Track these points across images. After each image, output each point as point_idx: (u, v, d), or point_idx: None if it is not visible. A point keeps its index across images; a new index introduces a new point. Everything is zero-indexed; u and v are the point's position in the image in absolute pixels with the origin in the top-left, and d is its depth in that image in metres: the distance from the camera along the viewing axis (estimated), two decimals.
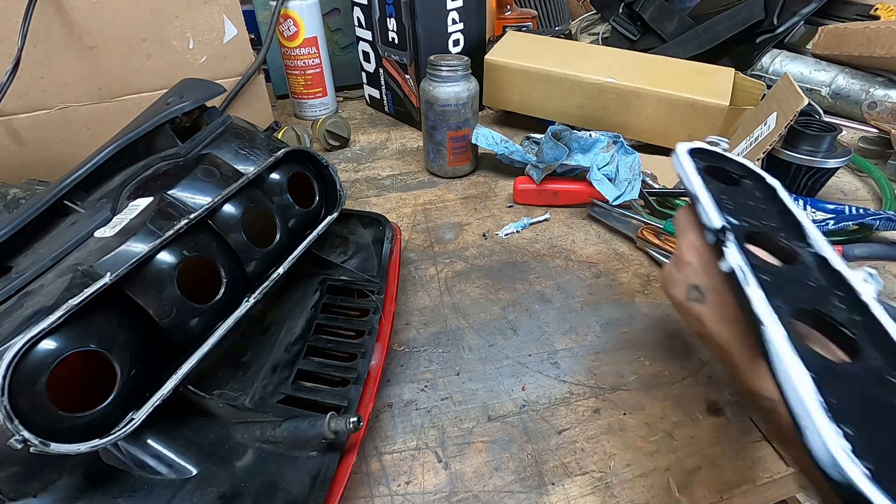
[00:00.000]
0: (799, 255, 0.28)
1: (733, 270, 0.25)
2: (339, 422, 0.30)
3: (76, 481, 0.29)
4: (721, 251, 0.27)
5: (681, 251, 0.33)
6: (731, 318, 0.28)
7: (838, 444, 0.17)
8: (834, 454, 0.17)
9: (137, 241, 0.32)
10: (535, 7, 1.02)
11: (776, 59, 0.82)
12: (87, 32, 0.57)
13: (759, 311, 0.23)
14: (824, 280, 0.27)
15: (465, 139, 0.67)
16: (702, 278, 0.30)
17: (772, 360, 0.21)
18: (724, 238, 0.27)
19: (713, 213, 0.29)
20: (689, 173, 0.33)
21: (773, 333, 0.21)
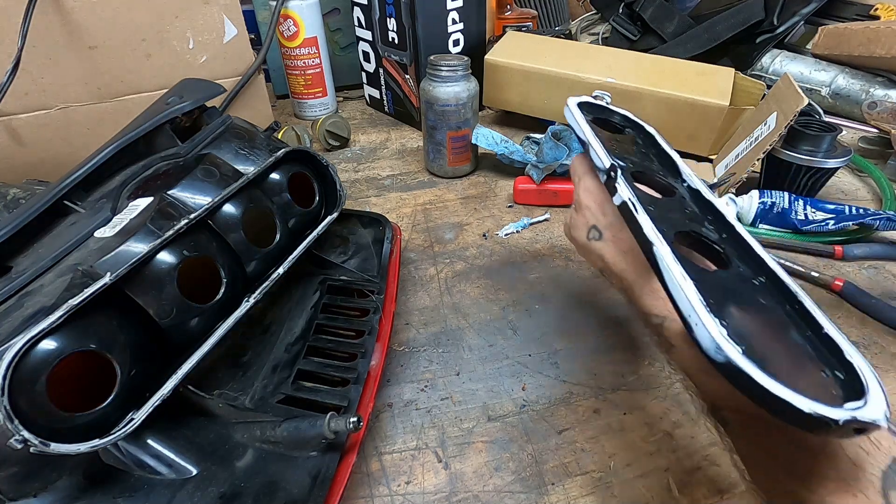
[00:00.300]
0: (676, 189, 0.33)
1: (625, 202, 0.29)
2: (339, 422, 0.30)
3: (76, 481, 0.29)
4: (613, 187, 0.30)
5: (579, 196, 0.36)
6: (625, 249, 0.32)
7: (718, 331, 0.20)
8: (716, 339, 0.20)
9: (137, 241, 0.32)
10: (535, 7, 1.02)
11: (776, 59, 0.82)
12: (87, 32, 0.57)
13: (648, 234, 0.26)
14: (697, 208, 0.31)
15: (465, 139, 0.67)
16: (599, 218, 0.34)
17: (661, 272, 0.24)
18: (614, 175, 0.31)
19: (603, 155, 0.33)
20: (580, 122, 0.37)
21: (661, 250, 0.25)
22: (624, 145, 0.37)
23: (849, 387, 0.19)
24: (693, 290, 0.22)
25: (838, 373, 0.20)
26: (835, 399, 0.18)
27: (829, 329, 0.21)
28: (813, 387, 0.19)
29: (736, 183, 0.61)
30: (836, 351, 0.20)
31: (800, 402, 0.17)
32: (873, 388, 0.18)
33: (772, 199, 0.57)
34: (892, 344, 0.44)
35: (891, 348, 0.44)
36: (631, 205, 0.28)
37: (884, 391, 0.18)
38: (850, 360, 0.20)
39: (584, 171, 0.37)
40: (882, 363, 0.43)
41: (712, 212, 0.30)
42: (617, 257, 0.32)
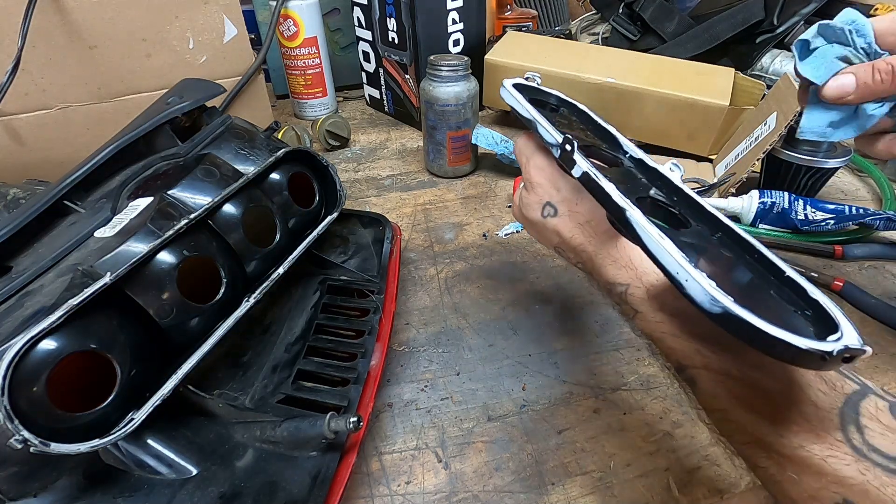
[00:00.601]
0: (621, 160, 0.33)
1: (585, 172, 0.29)
2: (339, 422, 0.30)
3: (76, 481, 0.29)
4: (571, 160, 0.30)
5: (530, 175, 0.36)
6: (582, 222, 0.32)
7: (709, 283, 0.20)
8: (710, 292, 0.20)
9: (137, 241, 0.32)
10: (535, 7, 1.02)
11: (776, 59, 0.82)
12: (87, 32, 0.57)
13: (618, 200, 0.26)
14: (644, 176, 0.31)
15: (465, 139, 0.67)
16: (553, 194, 0.34)
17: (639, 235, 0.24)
18: (570, 149, 0.31)
19: (553, 131, 0.33)
20: (522, 101, 0.37)
21: (633, 214, 0.25)
22: (565, 123, 0.38)
23: (820, 322, 0.20)
24: (674, 247, 0.22)
25: (807, 311, 0.21)
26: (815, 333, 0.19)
27: (790, 272, 0.22)
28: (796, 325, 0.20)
29: (736, 183, 0.61)
30: (801, 291, 0.21)
31: (796, 341, 0.18)
32: (843, 322, 0.19)
33: (772, 199, 0.57)
34: (892, 344, 0.44)
35: (891, 348, 0.44)
36: (593, 174, 0.28)
37: (851, 323, 0.19)
38: (814, 297, 0.21)
39: (532, 150, 0.37)
40: (882, 363, 0.43)
41: (660, 178, 0.31)
42: (574, 231, 0.32)
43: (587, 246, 0.31)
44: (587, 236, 0.32)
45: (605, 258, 0.30)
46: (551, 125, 0.33)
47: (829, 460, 0.20)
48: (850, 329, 0.19)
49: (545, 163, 0.35)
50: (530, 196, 0.35)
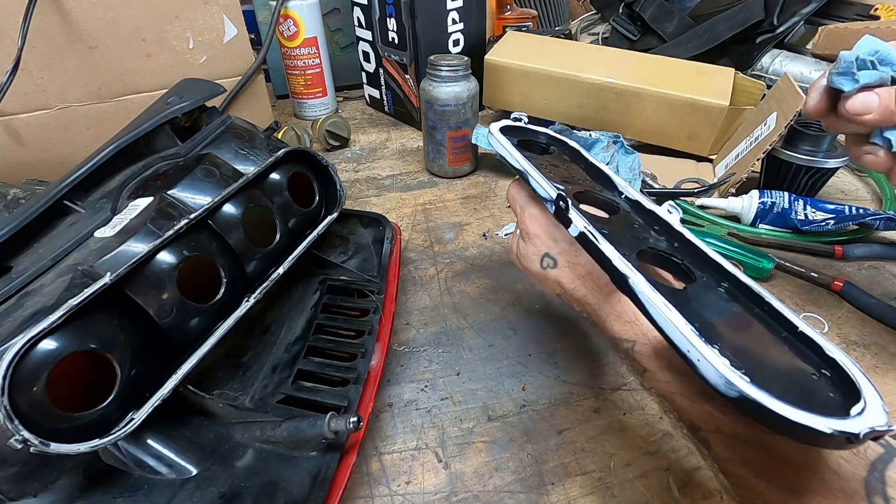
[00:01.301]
0: (617, 203, 0.32)
1: (583, 233, 0.28)
2: (339, 422, 0.30)
3: (76, 481, 0.29)
4: (567, 219, 0.29)
5: (525, 225, 0.35)
6: (583, 274, 0.31)
7: (722, 364, 0.19)
8: (724, 375, 0.18)
9: (137, 241, 0.32)
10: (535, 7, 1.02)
11: (776, 59, 0.82)
12: (87, 32, 0.57)
13: (619, 266, 0.25)
14: (642, 220, 0.30)
15: (465, 139, 0.67)
16: (550, 245, 0.33)
17: (644, 305, 0.23)
18: (564, 206, 0.29)
19: (546, 184, 0.32)
20: (511, 151, 0.36)
21: (636, 281, 0.23)
22: (556, 166, 0.36)
23: (840, 385, 0.19)
24: (682, 320, 0.21)
25: (825, 371, 0.20)
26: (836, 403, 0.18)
27: (803, 327, 0.21)
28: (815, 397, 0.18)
29: (736, 183, 0.61)
30: (817, 348, 0.20)
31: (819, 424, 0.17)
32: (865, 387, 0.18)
33: (772, 199, 0.57)
34: (891, 344, 0.44)
35: (890, 348, 0.44)
36: (590, 235, 0.27)
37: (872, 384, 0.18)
38: (832, 356, 0.19)
39: (525, 200, 0.36)
40: (882, 363, 0.43)
41: (657, 221, 0.29)
42: (576, 283, 0.31)
43: (590, 299, 0.30)
44: (589, 289, 0.30)
45: (609, 313, 0.29)
46: (543, 177, 0.32)
47: None
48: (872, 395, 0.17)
49: (540, 212, 0.34)
50: (528, 247, 0.34)
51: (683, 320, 0.21)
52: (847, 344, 0.45)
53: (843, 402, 0.18)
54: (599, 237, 0.26)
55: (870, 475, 0.20)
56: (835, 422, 0.16)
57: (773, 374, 0.19)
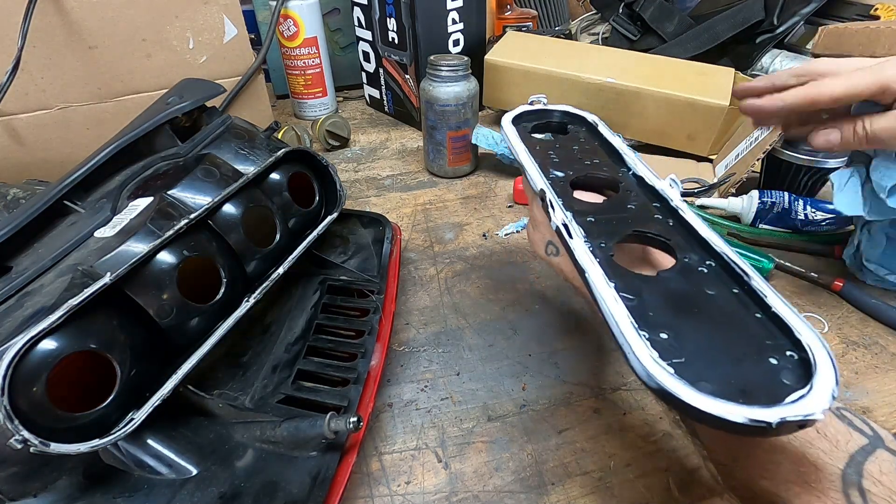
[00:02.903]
0: (620, 181, 0.32)
1: (558, 227, 0.28)
2: (339, 422, 0.30)
3: (76, 481, 0.29)
4: (548, 210, 0.30)
5: (533, 213, 0.36)
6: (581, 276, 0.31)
7: (648, 355, 0.19)
8: (646, 366, 0.19)
9: (137, 241, 0.32)
10: (535, 7, 1.02)
11: (776, 59, 0.82)
12: (87, 32, 0.57)
13: (580, 259, 0.25)
14: (644, 197, 0.31)
15: (465, 139, 0.67)
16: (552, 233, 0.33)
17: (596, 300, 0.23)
18: (545, 199, 0.30)
19: (536, 177, 0.33)
20: (514, 144, 0.37)
21: (592, 276, 0.24)
22: (566, 149, 0.37)
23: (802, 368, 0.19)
24: (624, 314, 0.21)
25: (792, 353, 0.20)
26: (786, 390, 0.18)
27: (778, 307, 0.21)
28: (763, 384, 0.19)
29: (736, 183, 0.61)
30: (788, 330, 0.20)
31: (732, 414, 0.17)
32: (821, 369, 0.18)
33: (772, 199, 0.57)
34: (891, 344, 0.44)
35: (891, 348, 0.44)
36: (564, 230, 0.28)
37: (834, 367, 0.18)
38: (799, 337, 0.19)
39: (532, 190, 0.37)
40: (882, 363, 0.43)
41: (658, 198, 0.30)
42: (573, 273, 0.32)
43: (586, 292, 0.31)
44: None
45: None
46: (537, 169, 0.33)
47: None
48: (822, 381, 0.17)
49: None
50: (535, 234, 0.36)
51: (626, 314, 0.21)
52: (847, 344, 0.45)
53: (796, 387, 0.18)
54: (574, 230, 0.27)
55: (847, 467, 0.21)
56: (753, 410, 0.17)
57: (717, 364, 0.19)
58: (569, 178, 0.33)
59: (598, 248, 0.26)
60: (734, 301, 0.23)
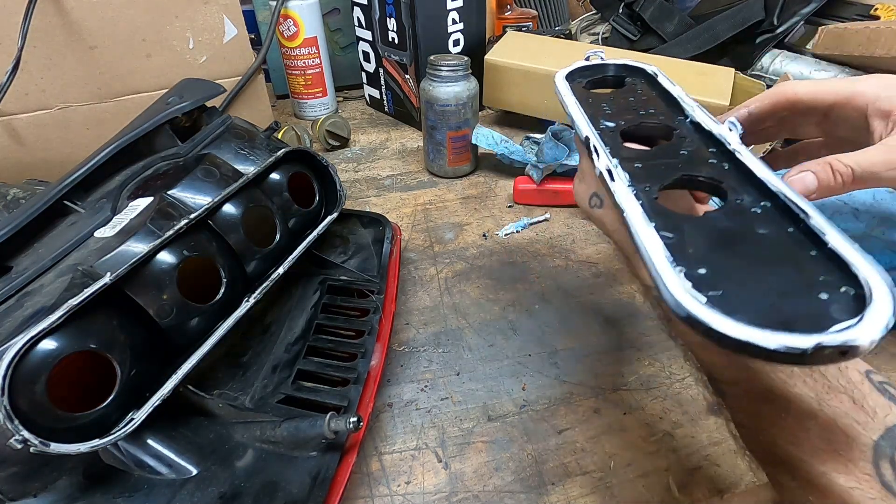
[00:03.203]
0: (675, 129, 0.31)
1: (601, 173, 0.28)
2: (339, 422, 0.30)
3: (76, 481, 0.29)
4: (592, 157, 0.29)
5: (581, 166, 0.36)
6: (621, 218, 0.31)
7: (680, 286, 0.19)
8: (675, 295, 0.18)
9: (137, 241, 0.32)
10: (535, 7, 1.02)
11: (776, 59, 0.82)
12: (87, 32, 0.57)
13: (620, 201, 0.25)
14: (699, 143, 0.30)
15: (465, 139, 0.67)
16: (598, 184, 0.33)
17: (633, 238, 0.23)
18: (590, 147, 0.30)
19: (582, 125, 0.32)
20: (564, 96, 0.36)
21: (630, 215, 0.23)
22: (620, 100, 0.36)
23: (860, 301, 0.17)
24: (660, 248, 0.21)
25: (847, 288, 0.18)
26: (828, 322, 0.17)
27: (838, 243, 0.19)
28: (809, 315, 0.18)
29: None
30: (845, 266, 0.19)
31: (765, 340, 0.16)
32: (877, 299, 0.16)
33: None
34: (892, 344, 0.44)
35: (891, 348, 0.44)
36: (608, 175, 0.27)
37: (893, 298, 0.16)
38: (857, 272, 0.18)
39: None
40: (882, 362, 0.43)
41: (714, 143, 0.29)
42: (615, 225, 0.32)
43: (626, 244, 0.31)
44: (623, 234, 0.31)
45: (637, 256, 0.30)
46: (585, 118, 0.33)
47: (854, 492, 0.20)
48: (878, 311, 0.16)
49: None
50: (581, 185, 0.36)
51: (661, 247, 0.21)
52: None
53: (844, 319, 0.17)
54: (617, 174, 0.27)
55: (882, 439, 0.20)
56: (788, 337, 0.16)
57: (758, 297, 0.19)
58: (619, 127, 0.32)
59: (641, 192, 0.25)
60: (787, 240, 0.21)
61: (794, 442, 0.21)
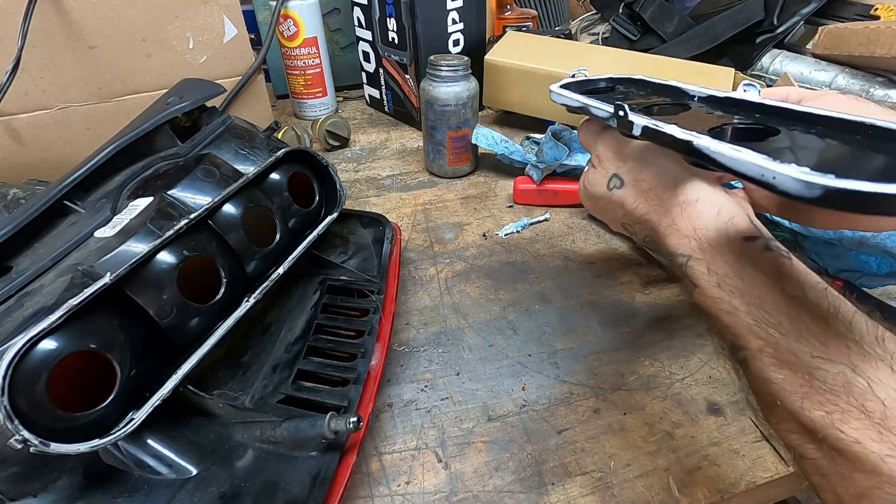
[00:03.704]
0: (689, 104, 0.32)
1: (645, 126, 0.28)
2: (339, 422, 0.30)
3: (76, 481, 0.29)
4: (628, 123, 0.29)
5: (597, 152, 0.36)
6: (646, 189, 0.32)
7: (798, 171, 0.19)
8: (802, 178, 0.19)
9: (137, 241, 0.32)
10: (535, 7, 1.02)
11: (776, 59, 0.82)
12: (87, 32, 0.57)
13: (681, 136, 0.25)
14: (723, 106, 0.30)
15: (465, 139, 0.67)
16: (618, 165, 0.34)
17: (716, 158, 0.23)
18: (623, 113, 0.30)
19: (604, 105, 0.33)
20: (568, 94, 0.37)
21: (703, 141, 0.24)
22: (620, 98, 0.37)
23: None
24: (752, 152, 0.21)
25: None
26: None
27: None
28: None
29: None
30: None
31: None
32: None
33: None
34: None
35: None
36: (652, 125, 0.27)
37: None
38: None
39: (596, 130, 0.37)
40: None
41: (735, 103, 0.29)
42: (638, 200, 0.32)
43: (651, 215, 0.31)
44: (652, 205, 0.31)
45: (668, 226, 0.29)
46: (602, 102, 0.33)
47: (888, 460, 0.19)
48: None
49: (611, 138, 0.36)
50: (597, 171, 0.36)
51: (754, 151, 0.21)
52: None
53: None
54: (661, 123, 0.27)
55: None
56: None
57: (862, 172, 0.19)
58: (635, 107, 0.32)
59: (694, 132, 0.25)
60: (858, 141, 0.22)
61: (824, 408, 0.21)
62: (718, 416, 0.39)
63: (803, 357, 0.22)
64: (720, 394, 0.40)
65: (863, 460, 0.20)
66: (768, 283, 0.24)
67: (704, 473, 0.35)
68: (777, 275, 0.24)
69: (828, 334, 0.22)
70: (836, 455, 0.21)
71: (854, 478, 0.20)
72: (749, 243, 0.25)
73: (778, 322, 0.23)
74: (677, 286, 0.51)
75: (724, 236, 0.26)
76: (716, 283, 0.26)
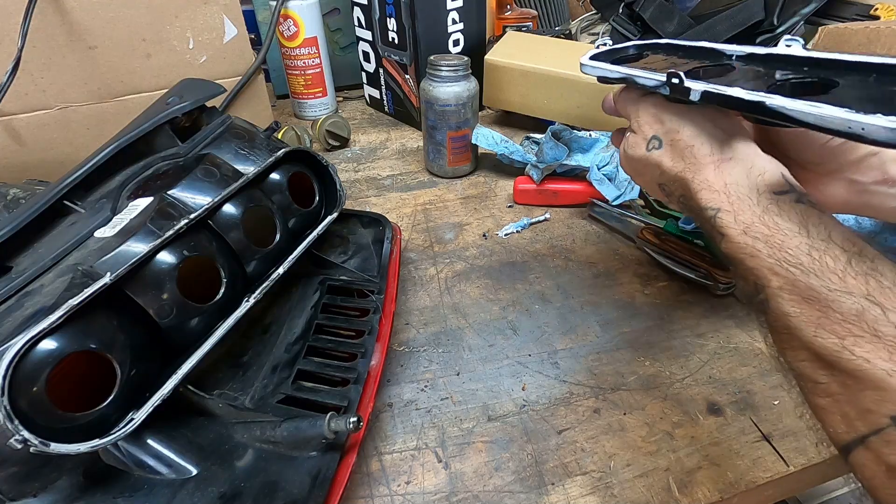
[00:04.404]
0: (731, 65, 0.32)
1: (705, 91, 0.28)
2: (339, 422, 0.30)
3: (76, 481, 0.29)
4: (684, 89, 0.29)
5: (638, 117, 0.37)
6: (683, 148, 0.33)
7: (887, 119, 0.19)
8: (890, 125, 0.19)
9: (137, 241, 0.32)
10: (535, 7, 1.02)
11: None
12: (87, 33, 0.57)
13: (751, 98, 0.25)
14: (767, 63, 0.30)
15: (465, 139, 0.67)
16: (657, 128, 0.35)
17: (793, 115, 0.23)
18: (678, 80, 0.30)
19: (653, 75, 0.32)
20: (606, 66, 0.37)
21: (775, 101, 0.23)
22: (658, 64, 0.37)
23: None
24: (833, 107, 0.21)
25: None
26: None
27: None
28: None
29: None
30: None
31: None
32: None
33: None
34: None
35: None
36: (714, 89, 0.27)
37: None
38: None
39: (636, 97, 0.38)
40: None
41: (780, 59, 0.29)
42: (675, 159, 0.33)
43: (686, 173, 0.32)
44: (688, 163, 0.32)
45: (701, 183, 0.30)
46: (647, 71, 0.33)
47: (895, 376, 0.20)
48: None
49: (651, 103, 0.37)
50: (637, 136, 0.37)
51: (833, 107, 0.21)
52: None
53: None
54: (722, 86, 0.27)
55: None
56: None
57: None
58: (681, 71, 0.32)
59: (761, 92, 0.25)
60: None
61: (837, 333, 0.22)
62: (718, 416, 0.39)
63: (821, 291, 0.23)
64: (720, 394, 0.40)
65: (871, 378, 0.21)
66: (793, 230, 0.25)
67: (704, 473, 0.35)
68: (804, 223, 0.25)
69: (846, 272, 0.23)
70: (846, 377, 0.22)
71: (863, 395, 0.21)
72: (779, 196, 0.27)
73: (798, 262, 0.24)
74: (678, 283, 0.51)
75: (753, 190, 0.27)
76: (742, 231, 0.27)
